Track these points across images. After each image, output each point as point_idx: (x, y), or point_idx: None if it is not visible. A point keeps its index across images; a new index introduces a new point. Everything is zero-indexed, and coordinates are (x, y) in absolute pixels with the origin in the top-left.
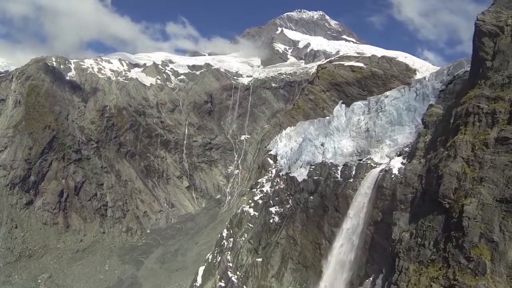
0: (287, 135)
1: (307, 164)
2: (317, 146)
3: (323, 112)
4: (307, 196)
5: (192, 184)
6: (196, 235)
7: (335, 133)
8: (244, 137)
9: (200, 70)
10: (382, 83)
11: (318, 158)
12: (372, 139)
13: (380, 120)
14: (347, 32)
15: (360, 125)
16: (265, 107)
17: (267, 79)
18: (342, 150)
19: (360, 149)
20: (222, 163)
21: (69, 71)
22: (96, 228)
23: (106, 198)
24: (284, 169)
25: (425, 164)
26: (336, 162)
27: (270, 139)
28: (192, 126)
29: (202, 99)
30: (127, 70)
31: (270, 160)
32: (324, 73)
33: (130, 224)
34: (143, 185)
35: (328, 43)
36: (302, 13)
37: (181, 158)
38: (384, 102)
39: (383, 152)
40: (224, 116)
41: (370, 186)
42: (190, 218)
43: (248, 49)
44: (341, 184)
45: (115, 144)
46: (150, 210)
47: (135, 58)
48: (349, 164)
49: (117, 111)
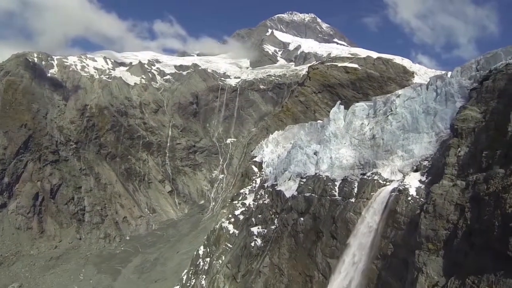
0: (274, 140)
1: (297, 176)
2: (309, 155)
3: (314, 116)
4: (296, 217)
5: (175, 189)
6: (178, 243)
7: (331, 140)
8: (230, 141)
9: (187, 71)
10: (378, 85)
11: (311, 169)
12: (380, 149)
13: (389, 125)
14: (339, 36)
15: (364, 130)
16: (253, 109)
17: (255, 81)
18: (340, 161)
19: (364, 161)
20: (206, 167)
21: (51, 68)
22: (72, 234)
23: (83, 202)
24: (270, 179)
25: (465, 188)
26: (333, 176)
27: (257, 143)
28: (176, 128)
29: (187, 100)
30: (112, 69)
31: (254, 168)
32: (315, 74)
33: (109, 230)
34: (123, 189)
35: (319, 45)
36: (293, 15)
37: (164, 161)
38: (395, 103)
39: (394, 166)
40: (209, 118)
41: (378, 209)
42: (172, 224)
43: (237, 50)
44: (339, 204)
45: (95, 145)
46: (130, 216)
47: (122, 56)
48: (350, 179)
49: (98, 110)
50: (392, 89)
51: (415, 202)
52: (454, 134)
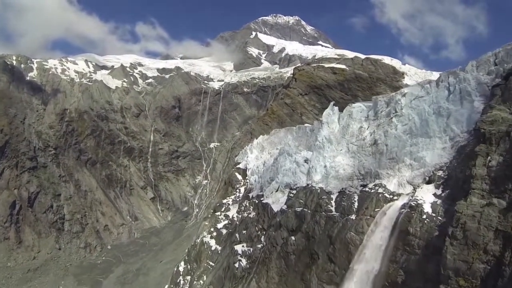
0: (259, 145)
1: (286, 187)
2: (299, 163)
3: (301, 119)
4: (286, 236)
5: (157, 195)
6: (160, 252)
7: (325, 146)
8: (213, 145)
9: (170, 74)
10: (368, 86)
11: (301, 180)
12: (383, 156)
13: (394, 128)
14: (323, 38)
15: (363, 135)
16: (237, 113)
17: (239, 84)
18: (336, 170)
19: (364, 170)
20: (189, 173)
21: (31, 71)
22: (51, 244)
23: (63, 211)
24: (255, 188)
25: (507, 209)
26: (328, 188)
27: (241, 148)
28: (158, 132)
29: (169, 104)
30: (93, 72)
31: (238, 175)
32: (301, 75)
33: (89, 239)
34: (104, 196)
35: (304, 47)
36: (278, 17)
37: (146, 167)
38: (400, 103)
39: (402, 177)
40: (192, 123)
41: (385, 229)
42: (155, 232)
43: (221, 53)
44: (337, 221)
45: (75, 151)
46: (112, 224)
47: (104, 60)
48: (348, 191)
49: (77, 115)
50: (382, 90)
51: (432, 221)
52: (480, 140)
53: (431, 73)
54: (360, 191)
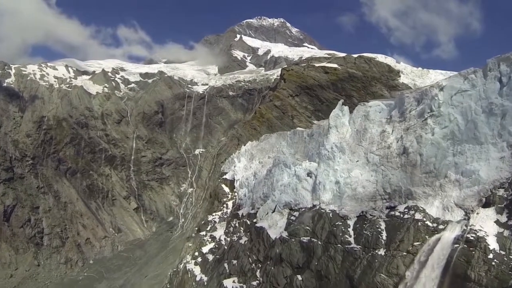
0: (247, 153)
1: (285, 207)
2: (300, 177)
3: (292, 122)
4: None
5: (141, 205)
6: (145, 266)
7: (336, 156)
8: (198, 151)
9: (153, 78)
10: (363, 86)
11: (305, 199)
12: (417, 170)
13: (430, 132)
14: (309, 40)
15: (388, 142)
16: (222, 117)
17: (224, 87)
18: (353, 188)
19: (392, 188)
20: (174, 181)
21: (8, 77)
22: (29, 260)
23: (42, 224)
24: (245, 205)
25: None
26: (344, 211)
27: (228, 153)
28: (140, 139)
29: (152, 109)
30: (73, 77)
31: (225, 187)
32: (291, 75)
33: (70, 254)
34: (85, 207)
35: (289, 49)
36: (262, 20)
37: (128, 176)
38: (437, 99)
39: (447, 197)
40: (176, 128)
41: (432, 271)
42: (139, 245)
43: (205, 56)
44: (359, 258)
45: (54, 160)
46: (94, 237)
47: (85, 65)
48: (371, 216)
49: (56, 122)
50: (378, 90)
51: (502, 262)
52: None
53: (428, 71)
54: (388, 216)
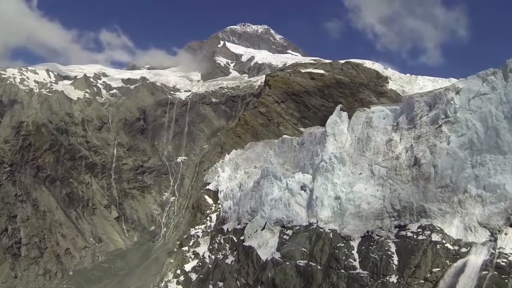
0: (231, 162)
1: (276, 224)
2: (293, 191)
3: (278, 129)
4: None
5: (122, 214)
6: (127, 277)
7: (335, 168)
8: (180, 159)
9: (135, 84)
10: (350, 92)
11: (299, 216)
12: (430, 183)
13: (445, 141)
14: (293, 47)
15: (396, 152)
16: (204, 125)
17: (207, 94)
18: (357, 204)
19: (402, 204)
20: (156, 189)
21: None
22: (6, 272)
23: (19, 234)
24: (231, 219)
25: None
26: (346, 231)
27: (210, 161)
28: (121, 146)
29: (134, 116)
30: (54, 82)
31: (208, 199)
32: (276, 81)
33: (49, 265)
34: (64, 216)
35: (273, 56)
36: (246, 26)
37: (109, 184)
38: (453, 103)
39: (468, 215)
40: (158, 135)
41: None
42: (120, 255)
43: (189, 63)
44: (366, 286)
45: (32, 167)
46: (73, 247)
47: (67, 70)
48: (378, 236)
49: (35, 128)
50: (366, 96)
51: None
52: None
53: (416, 77)
54: (398, 237)
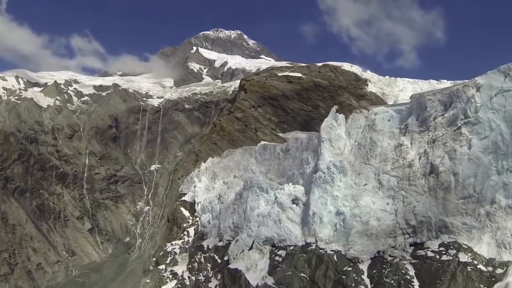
0: (208, 171)
1: (265, 243)
2: (283, 205)
3: (256, 135)
4: None
5: (96, 226)
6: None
7: (335, 179)
8: (154, 167)
9: (107, 91)
10: (330, 95)
11: (293, 234)
12: (451, 194)
13: (465, 145)
14: (266, 52)
15: (407, 158)
16: (178, 131)
17: (180, 100)
18: (365, 221)
19: (417, 219)
20: (130, 199)
21: None
22: None
23: None
24: (211, 234)
25: None
26: (352, 252)
27: (184, 169)
28: (93, 155)
29: (105, 124)
30: (23, 89)
31: (184, 211)
32: (252, 85)
33: (20, 282)
34: (35, 229)
35: (247, 61)
36: (219, 32)
37: (81, 195)
38: (473, 101)
39: (499, 229)
40: (131, 143)
41: None
42: (95, 268)
43: (161, 69)
44: None
45: (0, 179)
46: (45, 262)
47: (37, 76)
48: (391, 256)
49: (3, 137)
50: (346, 99)
51: None
52: None
53: (396, 79)
54: (415, 257)
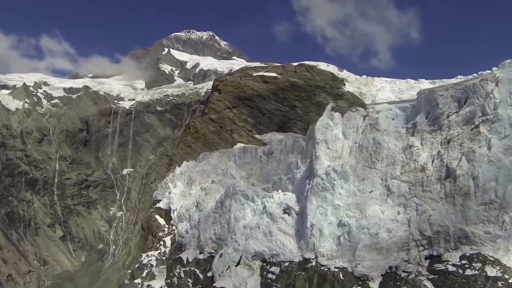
0: (184, 176)
1: (254, 258)
2: (274, 216)
3: (232, 137)
4: None
5: (68, 233)
6: None
7: (335, 186)
8: (126, 171)
9: (78, 94)
10: (306, 95)
11: (286, 247)
12: (470, 200)
13: (484, 145)
14: (238, 53)
15: (418, 161)
16: (150, 134)
17: (152, 102)
18: (373, 233)
19: (433, 229)
20: (102, 204)
21: None
22: None
23: None
24: (190, 245)
25: None
26: (360, 269)
27: (157, 172)
28: (64, 160)
29: (76, 127)
30: None
31: (159, 219)
32: (226, 85)
33: None
34: (4, 239)
35: (219, 62)
36: (191, 33)
37: (52, 201)
38: (492, 97)
39: None
40: (102, 147)
41: None
42: (68, 277)
43: (133, 71)
44: None
45: None
46: (16, 272)
47: (5, 78)
48: (405, 272)
49: None
50: (323, 99)
51: None
52: None
53: (373, 79)
54: (433, 272)
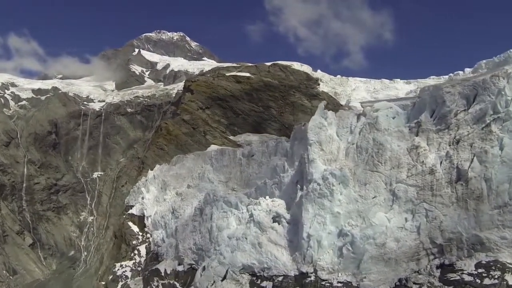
0: (157, 180)
1: (242, 271)
2: (262, 225)
3: (205, 138)
4: None
5: (37, 240)
6: None
7: (334, 192)
8: (97, 175)
9: (46, 95)
10: (281, 95)
11: (279, 260)
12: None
13: (496, 145)
14: (208, 54)
15: (426, 163)
16: (120, 136)
17: (122, 104)
18: (379, 243)
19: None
20: (72, 209)
21: None
22: None
23: None
24: (167, 255)
25: None
26: (367, 283)
27: (128, 176)
28: (32, 164)
29: (45, 129)
30: None
31: (132, 226)
32: (199, 86)
33: None
34: None
35: (189, 63)
36: (161, 34)
37: (21, 207)
38: (504, 94)
39: None
40: (72, 150)
41: None
42: (39, 287)
43: (103, 71)
44: None
45: None
46: None
47: None
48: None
49: None
50: (297, 99)
51: None
52: None
53: (347, 79)
54: (447, 282)
